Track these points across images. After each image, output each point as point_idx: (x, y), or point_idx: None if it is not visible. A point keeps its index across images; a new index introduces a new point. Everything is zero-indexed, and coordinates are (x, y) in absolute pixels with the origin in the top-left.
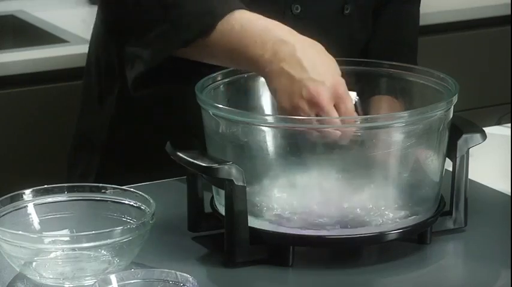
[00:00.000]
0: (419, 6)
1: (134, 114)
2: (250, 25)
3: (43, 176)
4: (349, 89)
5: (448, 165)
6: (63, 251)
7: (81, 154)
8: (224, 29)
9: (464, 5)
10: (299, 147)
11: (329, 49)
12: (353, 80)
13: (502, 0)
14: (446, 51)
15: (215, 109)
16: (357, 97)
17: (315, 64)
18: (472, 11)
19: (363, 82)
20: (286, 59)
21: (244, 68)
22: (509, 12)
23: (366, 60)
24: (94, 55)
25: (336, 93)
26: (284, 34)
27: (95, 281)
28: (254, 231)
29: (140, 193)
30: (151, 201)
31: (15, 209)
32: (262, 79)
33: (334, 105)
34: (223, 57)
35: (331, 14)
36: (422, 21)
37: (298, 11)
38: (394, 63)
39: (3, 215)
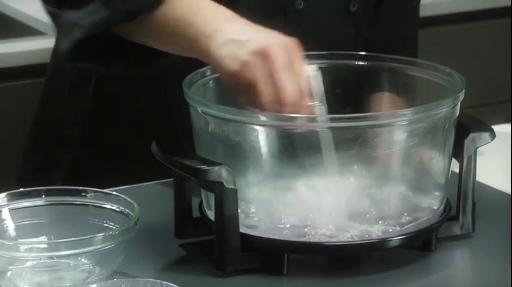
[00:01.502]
0: (419, 1)
1: (113, 109)
2: (197, 3)
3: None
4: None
5: (455, 166)
6: (40, 259)
7: (42, 146)
8: (171, 5)
9: None
10: (294, 147)
11: (334, 47)
12: (352, 76)
13: None
14: (452, 44)
15: (204, 106)
16: (317, 70)
17: (264, 30)
18: (479, 0)
19: (363, 78)
20: (235, 32)
21: (184, 49)
22: None
23: (365, 54)
24: None
25: (287, 47)
26: (231, 15)
27: None
28: (246, 237)
29: (123, 196)
30: (135, 205)
31: None
32: None
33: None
34: (165, 35)
35: (336, 10)
36: (427, 12)
37: (301, 6)
38: (396, 57)
39: None
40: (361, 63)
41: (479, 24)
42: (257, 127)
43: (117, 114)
